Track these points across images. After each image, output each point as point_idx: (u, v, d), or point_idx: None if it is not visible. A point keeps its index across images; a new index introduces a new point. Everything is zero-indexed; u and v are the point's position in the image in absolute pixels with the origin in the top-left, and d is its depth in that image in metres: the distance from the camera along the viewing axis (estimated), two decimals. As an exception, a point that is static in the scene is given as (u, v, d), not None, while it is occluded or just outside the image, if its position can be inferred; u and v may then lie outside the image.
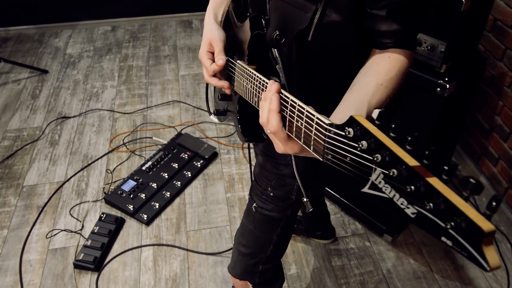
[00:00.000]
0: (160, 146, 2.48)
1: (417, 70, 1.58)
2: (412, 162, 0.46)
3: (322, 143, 0.62)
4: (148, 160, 2.33)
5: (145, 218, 2.07)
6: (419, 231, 2.05)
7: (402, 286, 1.83)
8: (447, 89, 1.52)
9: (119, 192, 2.16)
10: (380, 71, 0.82)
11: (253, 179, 1.28)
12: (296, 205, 1.26)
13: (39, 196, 2.22)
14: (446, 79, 1.52)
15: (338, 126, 0.58)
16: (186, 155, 2.38)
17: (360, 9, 0.83)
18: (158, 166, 2.31)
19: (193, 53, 3.34)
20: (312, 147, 0.66)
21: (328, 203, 2.14)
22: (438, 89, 1.53)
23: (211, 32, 1.00)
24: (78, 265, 1.88)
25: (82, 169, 2.36)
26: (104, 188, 2.25)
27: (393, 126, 0.50)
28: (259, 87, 0.84)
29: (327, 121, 0.61)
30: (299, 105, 0.68)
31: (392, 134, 0.50)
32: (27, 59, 3.26)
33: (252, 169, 1.32)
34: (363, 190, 0.53)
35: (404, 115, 1.68)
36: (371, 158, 0.51)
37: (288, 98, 0.71)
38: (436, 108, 1.59)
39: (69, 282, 1.84)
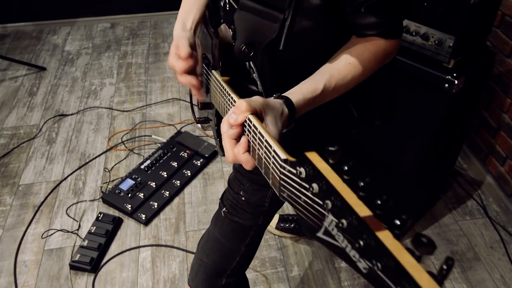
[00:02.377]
0: (159, 145, 2.43)
1: (423, 65, 1.53)
2: (363, 211, 0.41)
3: (278, 179, 0.57)
4: (147, 159, 2.28)
5: (144, 218, 2.02)
6: (427, 232, 2.00)
7: (408, 289, 1.78)
8: (456, 85, 1.46)
9: (117, 191, 2.11)
10: (352, 51, 0.80)
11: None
12: (269, 215, 1.19)
13: (35, 195, 2.17)
14: (455, 74, 1.47)
15: (292, 164, 0.53)
16: (186, 154, 2.32)
17: (333, 11, 0.80)
18: (157, 164, 2.26)
19: (193, 50, 3.29)
20: (271, 180, 0.61)
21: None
22: (446, 85, 1.48)
23: (177, 36, 0.91)
24: (74, 266, 1.83)
25: (79, 167, 2.31)
26: (101, 187, 2.20)
27: (346, 168, 0.44)
28: (228, 103, 0.79)
29: (282, 156, 0.56)
30: (259, 132, 0.63)
31: (345, 177, 0.45)
32: (25, 56, 3.21)
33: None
34: (317, 234, 0.49)
35: (410, 112, 1.63)
36: (321, 203, 0.46)
37: (251, 121, 0.65)
38: (443, 105, 1.53)
39: (65, 283, 1.79)
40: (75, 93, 2.86)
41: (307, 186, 0.49)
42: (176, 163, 2.26)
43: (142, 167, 2.23)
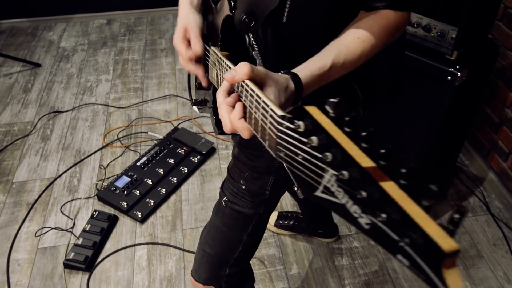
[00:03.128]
0: (155, 141, 2.39)
1: (425, 57, 1.49)
2: (366, 162, 0.38)
3: (275, 138, 0.54)
4: (143, 156, 2.24)
5: (140, 216, 1.97)
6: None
7: (409, 287, 1.74)
8: (459, 77, 1.43)
9: (112, 188, 2.07)
10: (360, 25, 0.77)
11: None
12: (270, 203, 1.16)
13: (29, 192, 2.13)
14: (458, 66, 1.43)
15: (290, 119, 0.50)
16: (183, 151, 2.28)
17: None
18: (154, 161, 2.21)
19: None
20: (267, 142, 0.58)
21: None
22: (449, 77, 1.44)
23: (186, 18, 0.89)
24: (69, 265, 1.79)
25: (74, 165, 2.27)
26: (96, 184, 2.16)
27: (348, 119, 0.42)
28: None
29: (279, 113, 0.53)
30: (256, 94, 0.60)
31: (347, 129, 0.42)
32: (20, 53, 3.17)
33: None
34: (315, 193, 0.46)
35: (411, 107, 1.59)
36: (321, 156, 0.43)
37: (248, 86, 0.63)
38: (446, 98, 1.50)
39: (58, 282, 1.75)
40: (71, 89, 2.81)
41: (305, 140, 0.46)
42: (172, 160, 2.22)
43: (138, 164, 2.19)
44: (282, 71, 0.71)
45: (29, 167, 2.26)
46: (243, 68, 0.63)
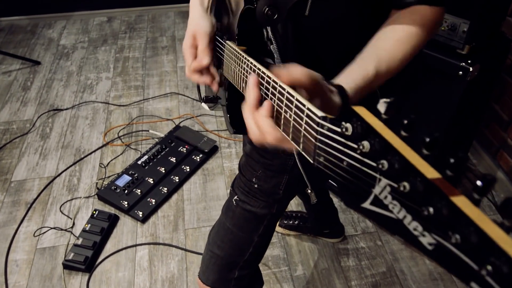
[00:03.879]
0: (157, 140, 2.34)
1: (435, 51, 1.45)
2: (431, 173, 0.33)
3: (313, 141, 0.49)
4: (144, 154, 2.20)
5: (141, 215, 1.93)
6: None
7: (418, 288, 1.70)
8: (471, 72, 1.38)
9: (113, 187, 2.02)
10: (396, 27, 0.70)
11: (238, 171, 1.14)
12: (283, 203, 1.11)
13: (28, 192, 2.08)
14: (469, 61, 1.39)
15: (333, 121, 0.45)
16: (185, 149, 2.24)
17: None
18: (155, 160, 2.17)
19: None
20: (301, 145, 0.53)
21: (334, 199, 2.00)
22: (460, 72, 1.40)
23: (196, 23, 0.85)
24: (68, 266, 1.74)
25: (74, 163, 2.23)
26: (97, 183, 2.11)
27: (406, 122, 0.37)
28: (247, 71, 0.70)
29: (320, 113, 0.48)
30: (287, 92, 0.55)
31: (403, 133, 0.37)
32: (19, 50, 3.12)
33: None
34: (363, 205, 0.41)
35: (421, 102, 1.54)
36: (374, 164, 0.38)
37: (276, 83, 0.57)
38: (457, 94, 1.45)
39: (57, 283, 1.70)
40: (70, 87, 2.77)
41: (353, 145, 0.41)
42: (174, 159, 2.17)
43: (139, 162, 2.15)
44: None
45: (28, 165, 2.22)
46: (296, 72, 0.56)
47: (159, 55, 3.08)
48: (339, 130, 0.43)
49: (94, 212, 1.91)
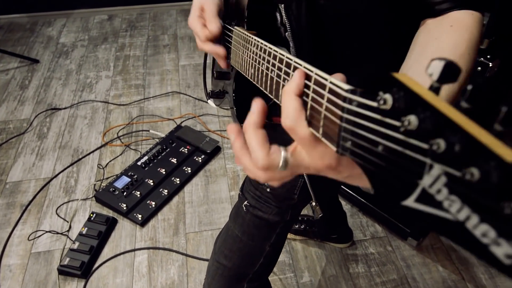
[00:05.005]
0: (157, 140, 2.26)
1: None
2: (509, 155, 0.24)
3: (338, 121, 0.38)
4: (144, 155, 2.12)
5: (140, 219, 1.85)
6: (447, 242, 1.83)
7: (431, 297, 1.61)
8: (490, 68, 1.30)
9: (111, 189, 1.94)
10: (443, 49, 0.58)
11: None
12: (297, 209, 1.02)
13: (23, 193, 2.01)
14: (489, 56, 1.30)
15: (365, 93, 0.35)
16: (186, 150, 2.16)
17: None
18: (155, 161, 2.09)
19: (195, 42, 3.12)
20: (321, 129, 0.41)
21: (343, 202, 1.91)
22: (479, 68, 1.31)
23: None
24: (63, 271, 1.66)
25: (71, 164, 2.15)
26: (95, 185, 2.03)
27: (469, 88, 0.29)
28: (258, 54, 0.60)
29: (346, 86, 0.38)
30: (305, 67, 0.45)
31: (464, 105, 0.29)
32: (17, 48, 3.05)
33: None
34: (405, 203, 0.31)
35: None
36: (425, 146, 0.29)
37: (291, 59, 0.48)
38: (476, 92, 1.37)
39: (52, 290, 1.63)
40: (69, 86, 2.70)
41: (394, 122, 0.31)
42: (175, 160, 2.09)
43: (139, 163, 2.07)
44: None
45: (24, 166, 2.14)
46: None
47: (160, 54, 3.00)
48: (374, 104, 0.33)
49: (92, 215, 1.83)
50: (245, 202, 1.01)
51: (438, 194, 0.28)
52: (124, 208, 1.86)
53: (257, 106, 0.47)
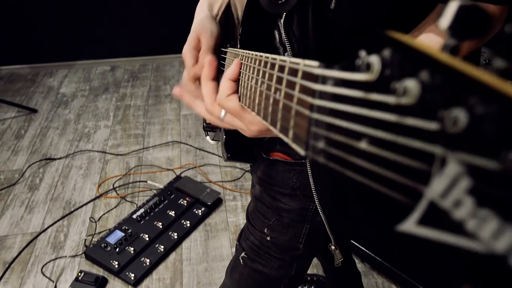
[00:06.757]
0: (155, 191, 2.13)
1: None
2: None
3: (307, 112, 0.28)
4: (140, 207, 1.98)
5: (133, 278, 1.68)
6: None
7: None
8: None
9: (103, 245, 1.78)
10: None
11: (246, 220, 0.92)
12: (304, 261, 0.89)
13: (8, 249, 1.85)
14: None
15: (345, 66, 0.25)
16: (185, 202, 2.02)
17: None
18: (152, 214, 1.95)
19: (197, 92, 3.08)
20: (291, 131, 0.33)
21: (356, 259, 1.75)
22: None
23: (201, 25, 0.71)
24: None
25: (62, 217, 2.00)
26: (85, 240, 1.88)
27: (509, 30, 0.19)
28: (247, 68, 0.52)
29: (314, 63, 0.29)
30: (281, 59, 0.38)
31: (500, 63, 0.19)
32: (17, 98, 3.00)
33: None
34: (402, 227, 0.20)
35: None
36: (433, 125, 0.18)
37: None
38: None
39: None
40: (66, 136, 2.61)
41: (382, 98, 0.21)
42: (173, 212, 1.95)
43: (134, 216, 1.92)
44: None
45: (12, 220, 2.00)
46: None
47: (162, 103, 2.94)
48: (354, 77, 0.23)
49: (79, 274, 1.67)
50: (242, 254, 0.87)
51: (456, 208, 0.17)
52: (116, 266, 1.70)
53: (208, 61, 0.59)
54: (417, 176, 0.19)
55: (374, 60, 0.21)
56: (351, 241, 1.69)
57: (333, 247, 0.80)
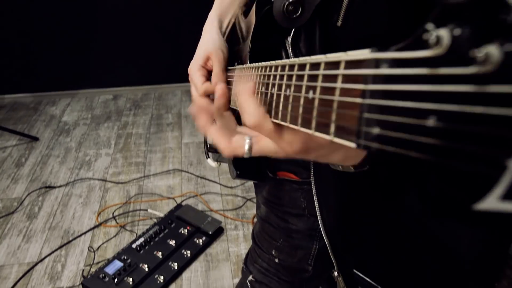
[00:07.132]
0: (155, 220, 2.09)
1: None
2: None
3: (359, 100, 0.26)
4: (140, 236, 1.93)
5: (131, 310, 1.63)
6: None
7: None
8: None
9: (101, 275, 1.74)
10: None
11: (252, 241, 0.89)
12: (314, 283, 0.86)
13: (3, 280, 1.80)
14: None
15: (404, 47, 0.23)
16: (186, 231, 1.98)
17: None
18: (152, 243, 1.90)
19: (199, 121, 3.08)
20: (333, 125, 0.30)
21: (361, 291, 1.69)
22: None
23: (212, 44, 0.70)
24: None
25: (60, 247, 1.96)
26: (83, 270, 1.83)
27: None
28: (257, 77, 0.51)
29: (364, 50, 0.27)
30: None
31: None
32: (18, 126, 3.00)
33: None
34: (482, 206, 0.18)
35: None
36: None
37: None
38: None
39: None
40: (67, 164, 2.59)
41: (455, 70, 0.19)
42: (173, 242, 1.91)
43: (133, 246, 1.88)
44: None
45: (8, 249, 1.96)
46: None
47: (163, 132, 2.94)
48: (418, 54, 0.21)
49: (76, 305, 1.61)
50: (250, 277, 0.84)
51: None
52: (114, 297, 1.65)
53: (219, 90, 0.50)
54: (499, 146, 0.17)
55: (444, 33, 0.20)
56: (358, 272, 1.64)
57: (335, 274, 0.77)
